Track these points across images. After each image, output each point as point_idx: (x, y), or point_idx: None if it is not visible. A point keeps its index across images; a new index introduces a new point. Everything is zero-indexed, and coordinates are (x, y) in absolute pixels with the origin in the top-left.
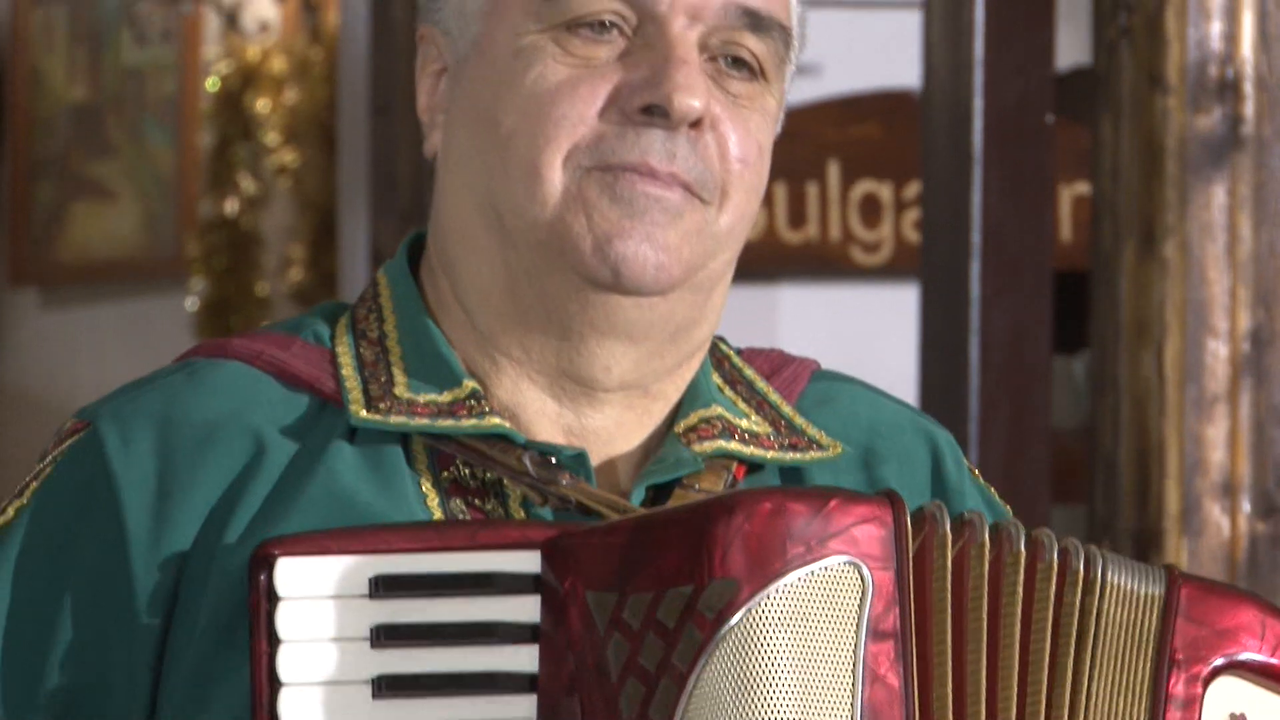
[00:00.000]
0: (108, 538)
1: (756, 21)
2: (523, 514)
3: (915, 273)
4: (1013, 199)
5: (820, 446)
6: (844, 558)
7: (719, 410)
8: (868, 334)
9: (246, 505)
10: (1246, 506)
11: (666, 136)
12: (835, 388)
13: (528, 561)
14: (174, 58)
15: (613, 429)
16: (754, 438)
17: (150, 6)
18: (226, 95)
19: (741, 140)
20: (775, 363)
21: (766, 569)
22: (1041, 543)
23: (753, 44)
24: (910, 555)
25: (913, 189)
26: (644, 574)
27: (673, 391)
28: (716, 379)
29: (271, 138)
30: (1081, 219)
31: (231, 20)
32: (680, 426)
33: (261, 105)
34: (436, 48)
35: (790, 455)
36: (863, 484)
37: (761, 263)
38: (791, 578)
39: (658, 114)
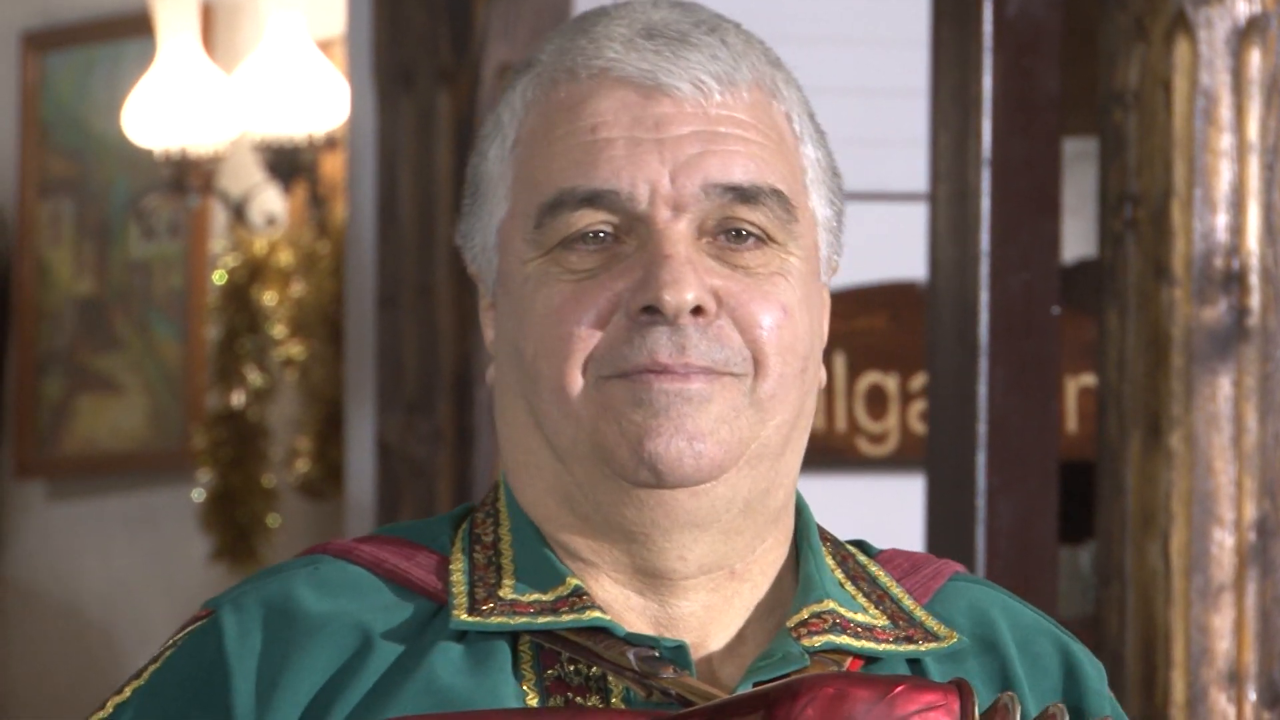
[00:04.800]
0: None
1: (742, 194)
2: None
3: (921, 463)
4: (1019, 390)
5: (936, 637)
6: None
7: (831, 604)
8: (874, 524)
9: (348, 698)
10: (1253, 695)
11: (672, 331)
12: (972, 589)
13: None
14: (181, 251)
15: (702, 614)
16: (868, 630)
17: (157, 200)
18: (233, 288)
19: (761, 309)
20: (916, 563)
21: None
22: None
23: (747, 215)
24: None
25: (919, 380)
26: None
27: (758, 573)
28: (839, 574)
29: (278, 330)
30: (1087, 410)
31: (238, 214)
32: (792, 621)
33: (268, 298)
34: (483, 284)
35: (906, 646)
36: (991, 670)
37: None
38: None
39: (655, 313)
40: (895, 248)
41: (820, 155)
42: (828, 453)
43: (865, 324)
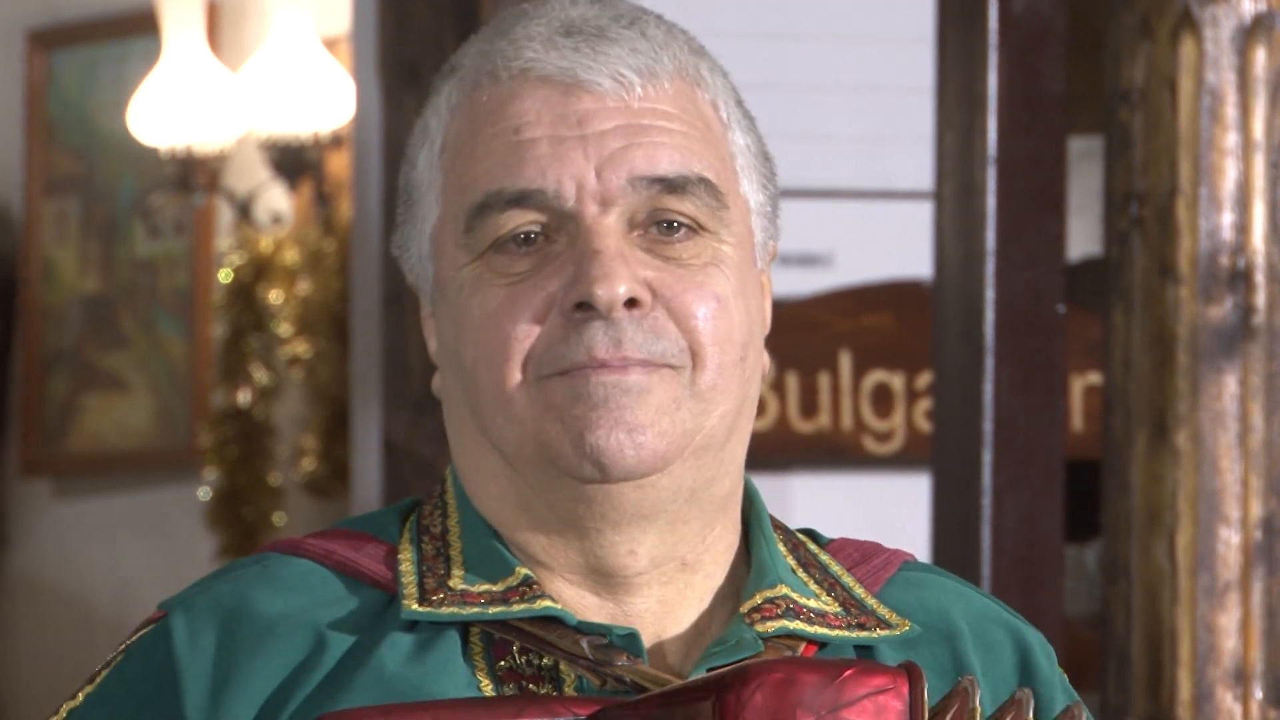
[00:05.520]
0: None
1: (669, 185)
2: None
3: (927, 462)
4: (1024, 389)
5: (888, 625)
6: None
7: (784, 590)
8: (880, 522)
9: (298, 697)
10: (1259, 694)
11: (606, 325)
12: (923, 578)
13: None
14: (186, 249)
15: (656, 609)
16: (820, 616)
17: (163, 198)
18: (239, 286)
19: (695, 300)
20: (866, 552)
21: None
22: None
23: (676, 205)
24: None
25: (924, 379)
26: None
27: (709, 561)
28: (791, 561)
29: (284, 328)
30: (1093, 408)
31: (244, 212)
32: (745, 606)
33: (274, 296)
34: (422, 294)
35: (858, 634)
36: (944, 659)
37: (774, 452)
38: None
39: (589, 308)
40: (900, 246)
41: (750, 141)
42: (834, 451)
43: (871, 322)
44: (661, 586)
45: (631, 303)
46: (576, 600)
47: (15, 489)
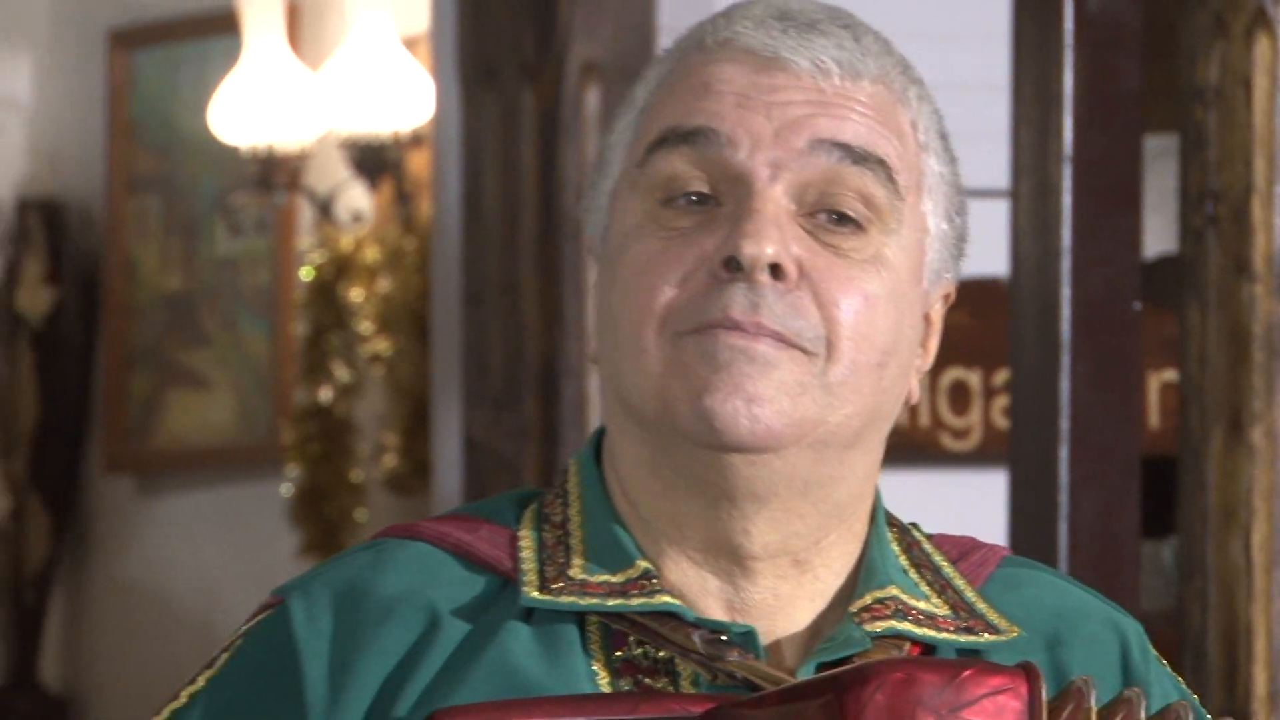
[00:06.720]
0: (289, 707)
1: (851, 154)
2: (694, 691)
3: (1004, 458)
4: (1101, 386)
5: (996, 630)
6: None
7: (895, 590)
8: (958, 519)
9: (418, 679)
10: None
11: (749, 288)
12: (1022, 574)
13: None
14: (268, 248)
15: (771, 602)
16: (930, 619)
17: (244, 197)
18: (320, 284)
19: (842, 290)
20: (965, 547)
21: None
22: None
23: (852, 180)
24: None
25: (1001, 376)
26: None
27: (822, 566)
28: (903, 560)
29: (365, 326)
30: (1169, 405)
31: (325, 210)
32: (855, 606)
33: (355, 294)
34: (594, 256)
35: (965, 638)
36: (1046, 667)
37: None
38: None
39: (735, 267)
40: (977, 244)
41: (945, 171)
42: (911, 448)
43: (948, 320)
44: (777, 580)
45: (776, 271)
46: (698, 584)
47: (99, 486)
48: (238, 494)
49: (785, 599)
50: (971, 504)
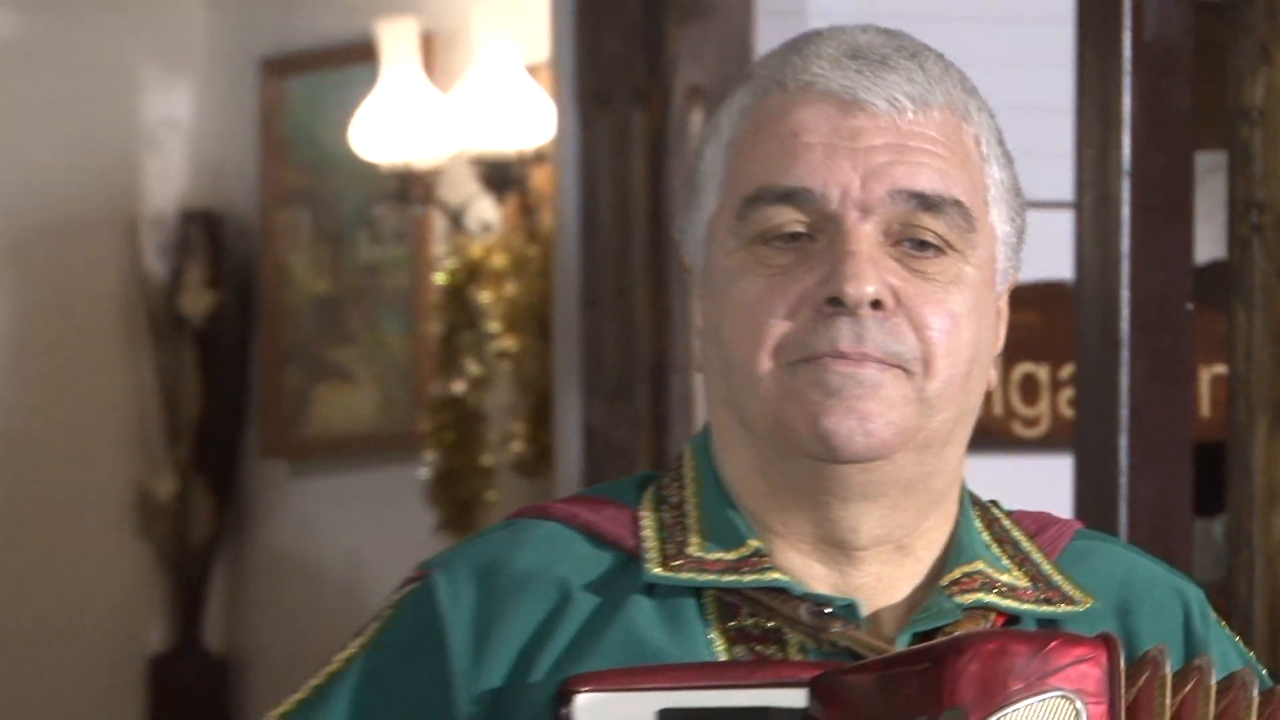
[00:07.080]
0: (435, 673)
1: (925, 202)
2: (800, 658)
3: (1070, 445)
4: (1156, 379)
5: (1072, 601)
6: (1060, 692)
7: (981, 565)
8: (1028, 499)
9: (552, 648)
10: None
11: (852, 322)
12: (1094, 546)
13: (797, 698)
14: (406, 255)
15: (875, 584)
16: (1012, 590)
17: (385, 209)
18: (453, 288)
19: (933, 312)
20: (1041, 522)
21: (990, 701)
22: (1278, 692)
23: (929, 223)
24: (1122, 691)
25: (1067, 370)
26: (891, 705)
27: (923, 548)
28: (986, 536)
29: (494, 326)
30: (1219, 396)
31: (457, 221)
32: (945, 579)
33: (485, 297)
34: (694, 275)
35: (1044, 608)
36: (1118, 634)
37: None
38: (1013, 709)
39: (839, 304)
40: (1045, 251)
41: (1004, 177)
42: (986, 435)
43: (1020, 319)
44: (881, 565)
45: (876, 304)
46: (805, 570)
47: (256, 470)
48: (380, 476)
49: (888, 581)
50: (1040, 486)
